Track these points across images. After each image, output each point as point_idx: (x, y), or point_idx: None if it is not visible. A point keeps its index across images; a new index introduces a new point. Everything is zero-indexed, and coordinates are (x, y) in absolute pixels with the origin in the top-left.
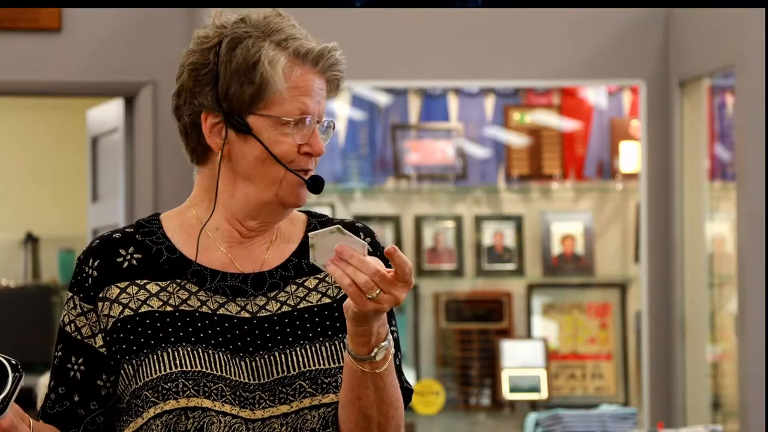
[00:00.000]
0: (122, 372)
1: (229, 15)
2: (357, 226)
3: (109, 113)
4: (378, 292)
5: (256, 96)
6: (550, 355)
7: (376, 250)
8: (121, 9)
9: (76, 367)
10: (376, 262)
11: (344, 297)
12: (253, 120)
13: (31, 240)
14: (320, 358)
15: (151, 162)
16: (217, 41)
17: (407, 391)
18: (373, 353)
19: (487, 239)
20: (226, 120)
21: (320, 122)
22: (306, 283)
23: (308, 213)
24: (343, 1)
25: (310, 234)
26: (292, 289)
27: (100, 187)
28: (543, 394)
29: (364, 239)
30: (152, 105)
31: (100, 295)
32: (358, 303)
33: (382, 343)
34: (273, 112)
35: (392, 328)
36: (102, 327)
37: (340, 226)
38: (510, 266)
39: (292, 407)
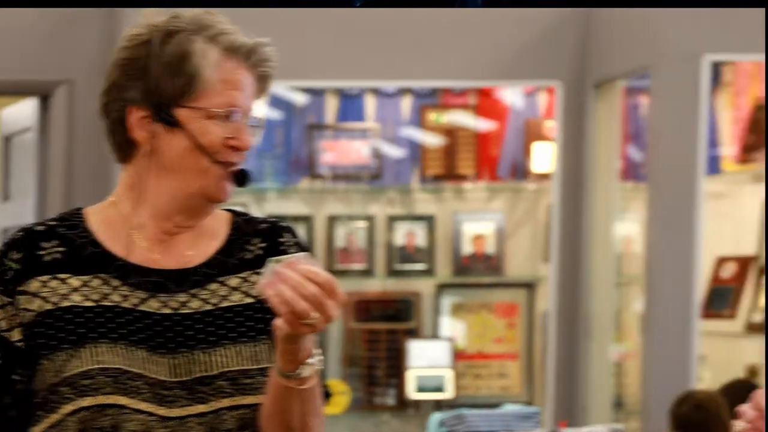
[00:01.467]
0: (41, 367)
1: (161, 16)
2: (280, 225)
3: (23, 112)
4: (316, 316)
5: (187, 88)
6: (457, 355)
7: (300, 249)
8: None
9: None
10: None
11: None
12: (181, 112)
13: None
14: (242, 359)
15: (64, 162)
16: (148, 37)
17: (325, 395)
18: (299, 370)
19: (399, 239)
20: (154, 113)
21: (247, 119)
22: (228, 282)
23: (232, 211)
24: (344, 1)
25: (270, 260)
26: (215, 288)
27: (11, 187)
28: (448, 394)
29: (293, 240)
30: (68, 104)
31: (20, 288)
32: (293, 328)
33: (310, 360)
34: (202, 104)
35: None
36: (20, 321)
37: (301, 255)
38: (421, 266)
39: (210, 407)
